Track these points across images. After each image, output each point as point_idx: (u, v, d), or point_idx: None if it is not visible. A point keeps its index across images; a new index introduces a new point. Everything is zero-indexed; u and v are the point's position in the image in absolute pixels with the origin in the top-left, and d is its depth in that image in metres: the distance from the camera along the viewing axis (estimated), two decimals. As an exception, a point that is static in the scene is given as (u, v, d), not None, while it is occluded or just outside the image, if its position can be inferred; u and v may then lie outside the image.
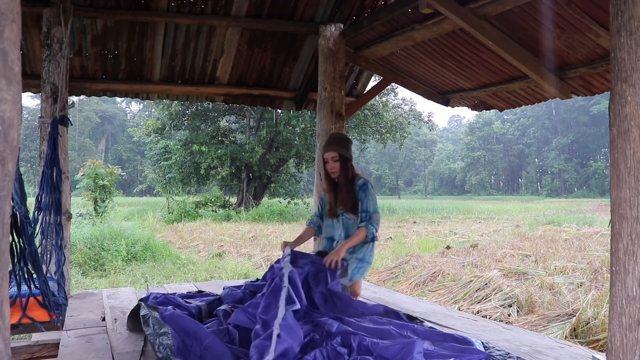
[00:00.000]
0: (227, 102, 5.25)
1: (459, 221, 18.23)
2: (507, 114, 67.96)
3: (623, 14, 1.59)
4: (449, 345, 2.38)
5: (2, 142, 0.89)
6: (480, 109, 4.82)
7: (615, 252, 1.61)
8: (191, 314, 2.86)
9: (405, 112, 24.01)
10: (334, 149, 3.33)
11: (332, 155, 3.32)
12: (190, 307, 2.95)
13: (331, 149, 3.33)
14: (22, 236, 2.11)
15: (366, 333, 2.46)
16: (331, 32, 4.46)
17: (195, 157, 20.37)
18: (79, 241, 8.27)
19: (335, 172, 3.34)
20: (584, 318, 4.60)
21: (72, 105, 3.83)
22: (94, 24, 4.26)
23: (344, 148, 3.36)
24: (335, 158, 3.32)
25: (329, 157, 3.33)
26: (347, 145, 3.41)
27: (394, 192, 67.53)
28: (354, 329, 2.50)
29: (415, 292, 6.46)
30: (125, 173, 21.68)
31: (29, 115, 47.25)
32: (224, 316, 2.76)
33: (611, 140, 1.63)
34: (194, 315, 2.88)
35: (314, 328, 2.59)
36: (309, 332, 2.52)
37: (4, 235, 0.92)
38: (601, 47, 3.22)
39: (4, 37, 0.90)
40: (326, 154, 3.34)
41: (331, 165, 3.33)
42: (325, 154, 3.34)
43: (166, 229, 14.11)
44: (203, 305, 3.03)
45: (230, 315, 2.73)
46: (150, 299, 3.15)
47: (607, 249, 8.01)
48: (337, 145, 3.35)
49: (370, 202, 3.28)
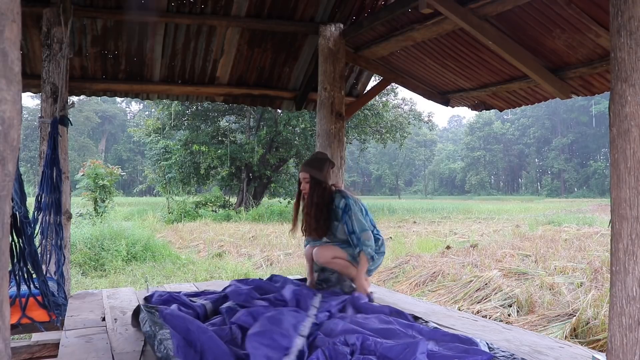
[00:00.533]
0: (227, 102, 5.25)
1: (459, 221, 18.23)
2: (507, 114, 67.97)
3: (623, 14, 1.59)
4: (454, 345, 2.38)
5: (2, 142, 0.89)
6: (480, 109, 4.82)
7: (615, 252, 1.61)
8: (196, 313, 2.86)
9: (405, 112, 24.00)
10: (306, 170, 3.35)
11: (304, 177, 3.35)
12: (195, 306, 2.95)
13: (304, 169, 3.36)
14: (21, 236, 2.11)
15: (371, 332, 2.47)
16: (331, 32, 4.46)
17: (195, 157, 20.37)
18: (79, 241, 8.27)
19: (306, 193, 3.37)
20: (584, 318, 4.60)
21: (72, 105, 3.83)
22: (94, 24, 4.26)
23: (316, 170, 3.35)
24: (306, 179, 3.35)
25: (302, 178, 3.37)
26: (321, 166, 3.38)
27: (394, 192, 67.53)
28: (359, 327, 2.51)
29: (415, 292, 6.46)
30: (125, 173, 21.69)
31: (29, 115, 47.24)
32: (228, 313, 2.77)
33: (611, 140, 1.63)
34: (199, 313, 2.89)
35: (318, 327, 2.60)
36: (313, 332, 2.53)
37: (4, 235, 0.92)
38: (601, 47, 3.21)
39: (4, 37, 0.90)
40: (300, 173, 3.38)
41: (303, 185, 3.37)
42: (300, 173, 3.39)
43: (166, 229, 14.10)
44: (208, 303, 3.04)
45: (234, 313, 2.75)
46: (155, 297, 3.16)
47: (607, 249, 8.01)
48: (310, 166, 3.36)
49: (356, 222, 3.26)
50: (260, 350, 2.18)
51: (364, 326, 2.56)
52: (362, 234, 3.24)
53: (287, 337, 2.32)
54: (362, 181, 74.16)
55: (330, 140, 4.44)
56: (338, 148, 4.47)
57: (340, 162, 4.49)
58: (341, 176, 4.52)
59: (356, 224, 3.24)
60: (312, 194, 3.35)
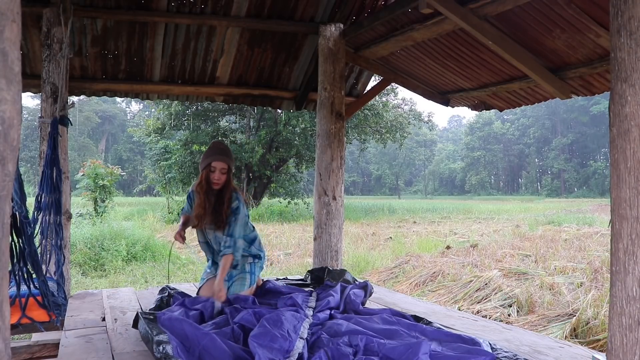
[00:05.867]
0: (227, 102, 5.25)
1: (459, 221, 18.23)
2: (507, 114, 67.97)
3: (623, 14, 1.59)
4: (456, 345, 2.38)
5: (2, 142, 0.89)
6: (480, 109, 4.82)
7: (615, 252, 1.61)
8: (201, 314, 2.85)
9: (405, 112, 23.98)
10: (225, 160, 3.20)
11: (222, 167, 3.19)
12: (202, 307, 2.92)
13: (222, 159, 3.20)
14: (21, 236, 2.11)
15: (374, 333, 2.47)
16: (331, 32, 4.46)
17: (195, 157, 20.32)
18: (79, 241, 8.27)
19: (219, 185, 3.22)
20: (584, 318, 4.61)
21: (72, 105, 3.83)
22: (94, 24, 4.26)
23: (232, 161, 3.26)
24: (224, 170, 3.20)
25: (218, 167, 3.19)
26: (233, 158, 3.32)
27: (394, 192, 67.55)
28: (362, 328, 2.51)
29: (415, 292, 6.46)
30: (125, 173, 21.66)
31: (29, 115, 47.23)
32: (232, 313, 2.78)
33: (611, 140, 1.63)
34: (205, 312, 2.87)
35: (320, 327, 2.60)
36: (317, 332, 2.53)
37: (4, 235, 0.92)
38: (601, 47, 3.21)
39: (4, 37, 0.90)
40: (215, 162, 3.19)
41: (218, 175, 3.19)
42: (214, 163, 3.19)
43: (166, 229, 14.10)
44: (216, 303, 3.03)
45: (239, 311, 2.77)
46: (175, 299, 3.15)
47: (607, 249, 8.01)
48: (228, 157, 3.23)
49: (238, 228, 3.19)
50: (261, 352, 2.19)
51: (367, 327, 2.57)
52: (239, 240, 3.20)
53: (287, 340, 2.32)
54: (362, 181, 74.19)
55: (330, 140, 4.44)
56: (338, 148, 4.47)
57: (340, 162, 4.49)
58: (341, 176, 4.53)
59: (237, 230, 3.19)
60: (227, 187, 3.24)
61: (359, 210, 23.35)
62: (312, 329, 2.60)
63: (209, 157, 3.25)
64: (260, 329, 2.39)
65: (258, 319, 2.56)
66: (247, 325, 2.54)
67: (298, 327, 2.50)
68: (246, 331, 2.49)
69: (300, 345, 2.33)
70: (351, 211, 20.93)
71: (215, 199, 3.27)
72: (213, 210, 3.26)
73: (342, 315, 2.87)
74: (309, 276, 4.13)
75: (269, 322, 2.45)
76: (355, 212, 21.80)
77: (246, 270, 3.39)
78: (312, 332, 2.54)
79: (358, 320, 2.70)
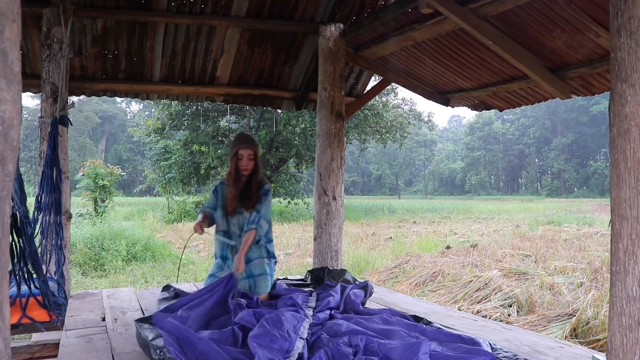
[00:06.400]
0: (227, 102, 5.25)
1: (459, 221, 18.23)
2: (507, 114, 67.96)
3: (623, 14, 1.59)
4: (456, 346, 2.38)
5: (2, 142, 0.89)
6: (480, 109, 4.82)
7: (615, 252, 1.61)
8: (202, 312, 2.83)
9: (405, 112, 23.97)
10: (251, 147, 3.47)
11: (249, 153, 3.46)
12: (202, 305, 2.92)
13: (248, 147, 3.47)
14: (22, 236, 2.11)
15: (375, 333, 2.47)
16: (331, 32, 4.46)
17: (195, 157, 20.34)
18: (79, 241, 8.27)
19: (248, 170, 3.47)
20: (584, 318, 4.61)
21: (72, 105, 3.83)
22: (94, 24, 4.26)
23: (257, 147, 3.52)
24: (251, 156, 3.46)
25: (245, 155, 3.45)
26: (258, 146, 3.58)
27: (394, 192, 67.53)
28: (362, 328, 2.51)
29: (415, 292, 6.46)
30: (125, 173, 21.65)
31: (29, 115, 47.23)
32: (234, 309, 2.78)
33: (611, 140, 1.63)
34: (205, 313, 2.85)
35: (320, 327, 2.60)
36: (317, 332, 2.53)
37: (4, 235, 0.92)
38: (601, 47, 3.21)
39: (4, 37, 0.90)
40: (242, 150, 3.45)
41: (246, 162, 3.45)
42: (241, 151, 3.45)
43: (166, 229, 14.10)
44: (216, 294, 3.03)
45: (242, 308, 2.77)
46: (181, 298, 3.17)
47: (607, 249, 8.01)
48: (253, 144, 3.49)
49: (265, 207, 3.43)
50: (261, 352, 2.19)
51: (367, 327, 2.57)
52: (263, 218, 3.41)
53: (287, 340, 2.32)
54: (362, 181, 74.17)
55: (330, 140, 4.44)
56: (338, 148, 4.47)
57: (340, 162, 4.49)
58: (341, 176, 4.53)
59: (264, 209, 3.44)
60: (257, 172, 3.51)
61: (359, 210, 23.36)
62: (312, 329, 2.60)
63: (235, 146, 3.50)
64: (260, 329, 2.39)
65: (258, 319, 2.56)
66: (247, 325, 2.54)
67: (298, 327, 2.50)
68: (246, 331, 2.48)
69: (300, 346, 2.33)
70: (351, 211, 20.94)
71: (244, 185, 3.50)
72: (243, 195, 3.47)
73: (342, 316, 2.87)
74: (309, 276, 4.13)
75: (268, 322, 2.45)
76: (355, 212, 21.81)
77: (267, 272, 3.48)
78: (312, 332, 2.54)
79: (358, 320, 2.70)
